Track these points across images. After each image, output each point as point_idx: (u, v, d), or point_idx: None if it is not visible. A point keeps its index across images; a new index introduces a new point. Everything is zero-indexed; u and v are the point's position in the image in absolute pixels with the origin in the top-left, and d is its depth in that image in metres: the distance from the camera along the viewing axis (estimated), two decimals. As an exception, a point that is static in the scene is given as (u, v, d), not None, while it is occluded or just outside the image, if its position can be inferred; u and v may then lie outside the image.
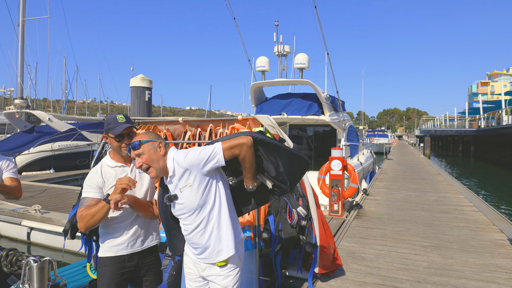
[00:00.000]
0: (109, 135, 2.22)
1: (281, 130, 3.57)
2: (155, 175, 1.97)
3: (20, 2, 16.92)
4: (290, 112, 9.41)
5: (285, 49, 9.21)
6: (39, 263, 1.00)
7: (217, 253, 1.98)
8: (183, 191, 1.93)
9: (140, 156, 1.96)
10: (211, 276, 2.02)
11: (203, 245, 1.99)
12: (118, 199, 1.93)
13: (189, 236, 2.01)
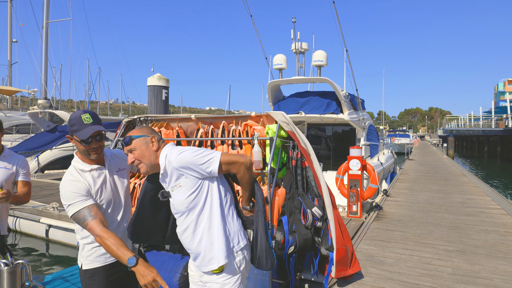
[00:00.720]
0: (74, 137, 1.91)
1: (296, 127, 3.43)
2: (145, 170, 1.87)
3: (44, 5, 17.40)
4: (308, 110, 9.22)
5: (303, 46, 9.03)
6: (10, 266, 0.91)
7: (208, 260, 1.85)
8: (174, 191, 1.84)
9: (132, 151, 1.86)
10: (208, 283, 1.91)
11: (194, 250, 1.88)
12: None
13: (181, 238, 1.92)
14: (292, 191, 3.39)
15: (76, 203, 1.84)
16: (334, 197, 3.46)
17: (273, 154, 3.34)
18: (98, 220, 1.81)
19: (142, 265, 1.64)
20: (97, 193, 1.96)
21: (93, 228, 1.78)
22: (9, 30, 21.80)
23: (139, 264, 1.64)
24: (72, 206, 1.84)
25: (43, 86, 16.98)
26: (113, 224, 2.05)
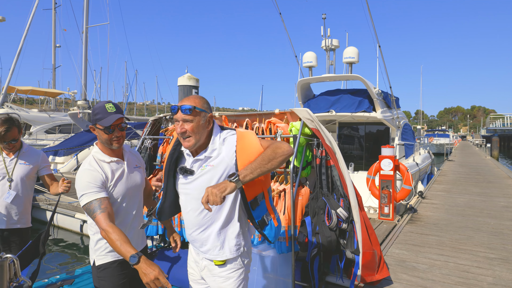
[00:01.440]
0: (97, 126, 1.94)
1: (320, 124, 3.30)
2: (190, 146, 1.75)
3: (84, 11, 18.25)
4: (339, 109, 8.96)
5: (333, 43, 8.78)
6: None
7: (217, 249, 1.78)
8: (203, 169, 1.75)
9: (187, 122, 1.73)
10: (211, 278, 1.83)
11: (204, 236, 1.80)
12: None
13: (193, 220, 1.81)
14: (316, 190, 3.27)
15: (89, 194, 1.83)
16: (361, 198, 3.30)
17: (296, 152, 3.23)
18: (106, 214, 1.78)
19: (144, 263, 1.59)
20: (114, 186, 1.95)
21: (100, 220, 1.76)
22: (53, 36, 23.06)
23: (141, 262, 1.60)
24: (85, 196, 1.83)
25: (83, 88, 17.81)
26: (127, 219, 2.04)
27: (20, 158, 2.94)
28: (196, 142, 1.76)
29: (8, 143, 2.83)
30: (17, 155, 2.93)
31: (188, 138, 1.75)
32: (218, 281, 1.80)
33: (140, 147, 4.35)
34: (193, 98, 1.79)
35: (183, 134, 1.74)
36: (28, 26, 15.70)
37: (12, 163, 2.91)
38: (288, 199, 3.19)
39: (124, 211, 2.02)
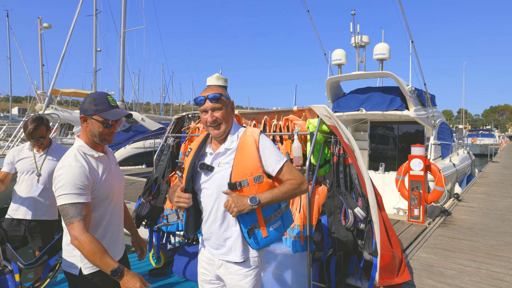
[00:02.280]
0: (94, 117, 1.77)
1: (338, 121, 3.21)
2: (220, 133, 1.78)
3: (122, 16, 19.04)
4: (369, 107, 8.69)
5: (363, 39, 8.53)
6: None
7: (237, 250, 1.79)
8: (222, 166, 1.79)
9: (215, 110, 1.76)
10: (228, 275, 1.82)
11: (222, 235, 1.81)
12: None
13: (209, 220, 1.82)
14: (333, 189, 3.18)
15: (71, 195, 1.64)
16: (381, 198, 3.17)
17: (312, 149, 3.16)
18: (85, 222, 1.63)
19: (126, 276, 1.59)
20: (102, 182, 1.80)
21: (77, 228, 1.60)
22: (94, 41, 24.25)
23: (124, 275, 1.59)
24: (67, 197, 1.64)
25: (120, 89, 18.60)
26: (114, 220, 1.91)
27: (49, 154, 3.13)
28: (226, 129, 1.81)
29: (36, 140, 3.03)
30: (46, 151, 3.14)
31: (219, 125, 1.79)
32: (236, 279, 1.81)
33: (163, 145, 4.46)
34: (215, 87, 1.82)
35: (215, 122, 1.77)
36: (71, 32, 16.61)
37: (41, 159, 3.10)
38: (303, 197, 3.13)
39: (112, 211, 1.88)
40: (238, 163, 1.77)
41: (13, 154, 3.09)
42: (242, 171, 1.75)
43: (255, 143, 1.79)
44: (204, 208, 1.85)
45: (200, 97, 1.78)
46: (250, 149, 1.78)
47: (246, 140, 1.81)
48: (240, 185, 1.73)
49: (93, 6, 23.34)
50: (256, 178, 1.76)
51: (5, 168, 3.07)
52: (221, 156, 1.83)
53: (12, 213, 3.06)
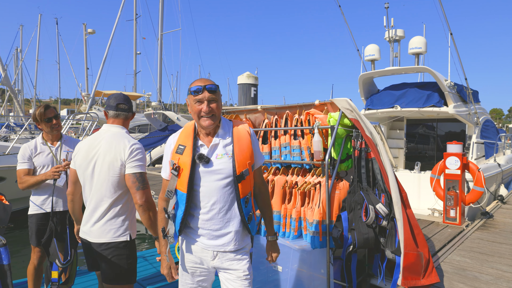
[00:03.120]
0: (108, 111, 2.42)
1: (361, 114, 3.09)
2: (213, 125, 1.80)
3: (159, 19, 19.70)
4: (405, 104, 8.31)
5: (398, 33, 8.17)
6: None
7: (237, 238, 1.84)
8: (221, 158, 1.81)
9: (211, 102, 1.78)
10: (225, 263, 1.85)
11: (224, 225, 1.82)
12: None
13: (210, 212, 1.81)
14: (354, 184, 3.07)
15: (146, 167, 2.23)
16: (406, 194, 3.01)
17: (333, 143, 3.08)
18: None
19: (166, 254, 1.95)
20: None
21: (148, 193, 2.15)
22: (134, 44, 25.28)
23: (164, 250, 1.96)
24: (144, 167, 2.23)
25: (158, 90, 19.24)
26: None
27: (64, 145, 3.09)
28: (216, 121, 1.83)
29: (53, 119, 2.94)
30: (60, 143, 3.07)
31: (213, 116, 1.79)
32: (234, 263, 1.85)
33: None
34: (208, 79, 1.83)
35: (210, 112, 1.78)
36: (112, 36, 17.43)
37: (58, 151, 3.04)
38: (323, 192, 3.05)
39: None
40: (238, 153, 1.80)
41: (29, 150, 2.95)
42: (243, 161, 1.80)
43: (249, 135, 1.88)
44: (203, 201, 1.81)
45: (197, 86, 1.76)
46: (246, 140, 1.86)
47: (240, 132, 1.87)
48: (244, 175, 1.80)
49: (133, 11, 24.31)
50: (253, 166, 1.87)
51: (25, 165, 2.90)
52: (217, 147, 1.83)
53: (36, 209, 2.93)
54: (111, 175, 2.17)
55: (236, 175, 1.77)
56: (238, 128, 1.89)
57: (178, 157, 1.82)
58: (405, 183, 7.47)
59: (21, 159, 2.91)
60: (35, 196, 2.96)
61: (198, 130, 1.88)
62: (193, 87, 1.76)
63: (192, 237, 1.89)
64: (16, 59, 29.94)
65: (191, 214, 1.85)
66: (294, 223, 3.22)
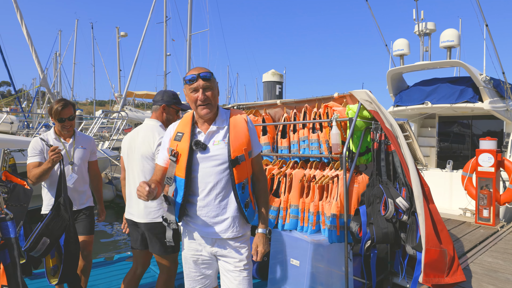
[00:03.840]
0: (173, 107, 2.64)
1: (381, 106, 2.99)
2: (209, 113, 1.81)
3: (188, 20, 20.09)
4: (436, 100, 7.96)
5: (428, 26, 7.85)
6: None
7: (234, 226, 1.84)
8: (218, 145, 1.83)
9: (206, 90, 1.78)
10: (224, 251, 1.86)
11: (220, 211, 1.82)
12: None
13: (207, 198, 1.82)
14: (372, 178, 2.97)
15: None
16: (429, 189, 2.87)
17: (350, 136, 3.00)
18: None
19: None
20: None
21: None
22: (164, 46, 25.94)
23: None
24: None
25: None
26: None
27: (77, 142, 2.94)
28: (213, 109, 1.84)
29: (66, 120, 2.80)
30: (73, 139, 2.94)
31: (209, 105, 1.80)
32: (233, 251, 1.86)
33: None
34: (203, 67, 1.84)
35: (206, 100, 1.79)
36: (143, 38, 18.00)
37: (71, 148, 2.90)
38: (341, 185, 2.98)
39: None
40: (234, 139, 1.82)
41: (41, 144, 2.79)
42: (238, 146, 1.81)
43: (246, 123, 1.89)
44: (201, 186, 1.82)
45: (191, 75, 1.77)
46: (242, 127, 1.86)
47: (237, 119, 1.89)
48: (239, 160, 1.80)
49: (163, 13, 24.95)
50: (250, 153, 1.87)
51: (36, 158, 2.73)
52: (215, 134, 1.85)
53: (46, 208, 2.80)
54: (144, 164, 2.45)
55: (230, 159, 1.79)
56: (235, 116, 1.91)
57: (177, 143, 1.85)
58: (436, 182, 7.16)
59: (32, 151, 2.75)
60: (46, 195, 2.84)
61: (196, 119, 1.90)
62: (187, 76, 1.78)
63: (191, 225, 1.91)
64: (55, 63, 31.61)
65: (189, 202, 1.87)
66: (312, 217, 3.16)
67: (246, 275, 1.86)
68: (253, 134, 1.91)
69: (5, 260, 1.15)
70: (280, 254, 3.29)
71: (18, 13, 8.91)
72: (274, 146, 3.88)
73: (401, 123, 3.57)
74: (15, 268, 1.16)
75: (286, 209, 3.33)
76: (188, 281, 1.98)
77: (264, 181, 2.00)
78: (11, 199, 1.89)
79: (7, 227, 1.15)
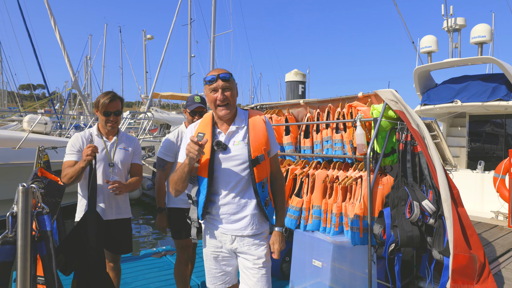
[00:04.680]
0: (186, 110, 2.95)
1: (407, 106, 2.92)
2: (229, 113, 1.86)
3: (212, 22, 20.31)
4: (466, 98, 7.65)
5: (458, 22, 7.57)
6: (24, 187, 1.12)
7: (254, 223, 1.88)
8: (238, 145, 1.88)
9: (225, 90, 1.82)
10: (243, 247, 1.89)
11: (240, 209, 1.87)
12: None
13: (228, 196, 1.87)
14: (398, 179, 2.90)
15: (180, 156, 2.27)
16: (458, 191, 2.77)
17: (375, 136, 2.94)
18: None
19: None
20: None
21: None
22: (189, 48, 26.34)
23: None
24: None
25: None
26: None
27: (119, 142, 2.71)
28: (232, 109, 1.88)
29: (112, 114, 2.59)
30: (116, 139, 2.71)
31: (227, 105, 1.85)
32: (252, 248, 1.90)
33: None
34: (223, 69, 1.89)
35: (225, 101, 1.83)
36: (168, 40, 18.34)
37: (113, 148, 2.67)
38: (364, 187, 2.93)
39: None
40: (254, 139, 1.86)
41: (81, 141, 2.58)
42: (258, 146, 1.86)
43: (264, 123, 1.94)
44: (222, 185, 1.88)
45: (211, 76, 1.82)
46: (261, 127, 1.91)
47: (256, 120, 1.93)
48: (260, 160, 1.85)
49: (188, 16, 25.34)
50: (268, 153, 1.92)
51: (73, 156, 2.52)
52: (235, 135, 1.90)
53: (80, 215, 2.53)
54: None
55: (251, 159, 1.84)
56: (253, 116, 1.96)
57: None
58: (467, 184, 6.89)
59: (69, 149, 2.54)
60: (80, 201, 2.62)
61: (215, 119, 1.95)
62: (207, 77, 1.84)
63: (212, 222, 1.96)
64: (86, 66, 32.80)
65: (211, 200, 1.92)
66: (335, 219, 3.13)
67: (264, 272, 1.89)
68: (271, 134, 1.96)
69: (41, 252, 1.23)
70: (302, 254, 3.28)
71: (52, 19, 9.32)
72: (297, 146, 3.86)
73: (428, 122, 3.47)
74: (51, 259, 1.23)
75: (309, 209, 3.31)
76: (209, 277, 2.03)
77: (281, 179, 2.06)
78: (46, 194, 1.99)
79: (44, 220, 1.22)
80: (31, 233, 1.18)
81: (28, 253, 1.16)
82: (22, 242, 1.15)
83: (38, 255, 1.24)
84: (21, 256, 1.15)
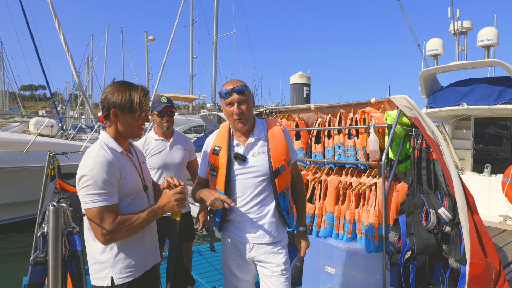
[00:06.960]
0: (153, 112, 2.73)
1: (421, 112, 2.91)
2: (245, 127, 1.85)
3: (214, 23, 20.33)
4: (472, 101, 7.64)
5: (464, 25, 7.56)
6: (54, 207, 1.12)
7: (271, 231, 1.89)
8: (257, 156, 1.88)
9: (241, 103, 1.80)
10: (261, 256, 1.89)
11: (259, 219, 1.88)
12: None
13: (247, 206, 1.88)
14: (413, 186, 2.89)
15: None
16: (473, 199, 2.76)
17: (390, 143, 2.93)
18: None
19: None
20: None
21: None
22: (191, 49, 26.36)
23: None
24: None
25: (212, 92, 19.87)
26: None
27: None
28: (249, 121, 1.87)
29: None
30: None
31: (243, 119, 1.83)
32: (270, 256, 1.90)
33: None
34: (238, 81, 1.88)
35: (241, 114, 1.82)
36: (170, 42, 18.35)
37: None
38: (379, 194, 2.92)
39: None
40: (274, 150, 1.86)
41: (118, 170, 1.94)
42: (278, 157, 1.86)
43: (282, 132, 1.93)
44: (241, 197, 1.89)
45: (227, 89, 1.81)
46: (280, 137, 1.91)
47: (275, 130, 1.93)
48: (280, 170, 1.86)
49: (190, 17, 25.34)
50: (288, 162, 1.92)
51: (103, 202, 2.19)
52: (254, 146, 1.89)
53: None
54: None
55: (272, 171, 1.84)
56: (271, 126, 1.95)
57: (215, 157, 1.92)
58: (473, 187, 6.86)
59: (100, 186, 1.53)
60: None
61: (233, 131, 1.94)
62: (223, 90, 1.83)
63: (230, 230, 1.97)
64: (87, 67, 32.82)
65: (230, 210, 1.92)
66: (348, 225, 3.12)
67: (284, 280, 1.88)
68: (289, 143, 1.98)
69: (71, 271, 1.22)
70: (315, 260, 3.27)
71: (56, 22, 9.33)
72: (307, 151, 3.85)
73: (436, 125, 3.46)
74: (81, 279, 1.22)
75: (321, 215, 3.31)
76: (227, 285, 2.03)
77: (300, 181, 2.10)
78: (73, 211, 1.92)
79: (74, 240, 1.21)
80: (62, 252, 1.17)
81: (59, 273, 1.16)
82: (53, 262, 1.15)
83: (68, 275, 1.23)
84: (52, 277, 1.15)
